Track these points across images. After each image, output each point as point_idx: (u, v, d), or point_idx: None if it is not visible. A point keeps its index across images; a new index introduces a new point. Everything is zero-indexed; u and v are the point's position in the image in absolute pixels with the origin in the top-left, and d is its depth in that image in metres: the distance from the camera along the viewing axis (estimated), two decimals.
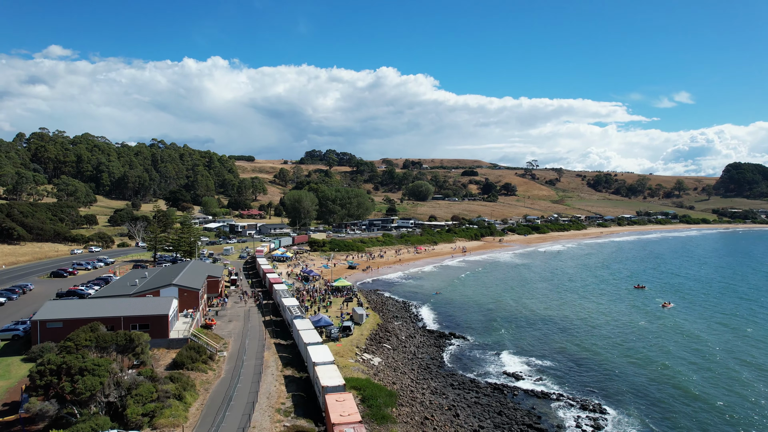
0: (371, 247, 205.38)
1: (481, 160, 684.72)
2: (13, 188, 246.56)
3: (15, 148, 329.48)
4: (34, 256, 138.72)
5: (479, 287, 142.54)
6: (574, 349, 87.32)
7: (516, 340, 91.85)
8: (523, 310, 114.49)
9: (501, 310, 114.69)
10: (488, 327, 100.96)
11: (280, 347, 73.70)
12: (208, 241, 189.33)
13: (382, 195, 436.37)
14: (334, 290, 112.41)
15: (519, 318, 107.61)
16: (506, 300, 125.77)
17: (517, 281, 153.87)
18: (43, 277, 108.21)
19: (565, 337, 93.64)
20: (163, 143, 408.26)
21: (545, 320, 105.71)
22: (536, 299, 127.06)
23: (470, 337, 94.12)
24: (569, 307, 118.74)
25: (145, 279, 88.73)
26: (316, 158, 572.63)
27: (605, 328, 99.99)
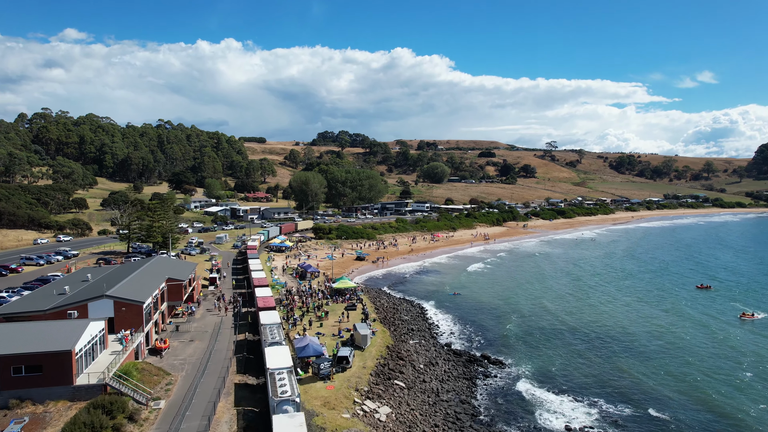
0: (383, 234, 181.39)
1: (497, 142, 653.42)
2: (6, 170, 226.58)
3: (16, 129, 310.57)
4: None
5: (509, 285, 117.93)
6: (650, 384, 62.84)
7: (569, 369, 67.47)
8: (569, 320, 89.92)
9: (540, 319, 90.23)
10: (527, 344, 76.76)
11: (246, 391, 50.54)
12: (201, 228, 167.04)
13: (396, 177, 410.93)
14: (335, 293, 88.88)
15: (565, 332, 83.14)
16: (545, 303, 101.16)
17: (554, 277, 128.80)
18: None
19: (634, 364, 69.03)
20: (170, 124, 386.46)
21: (600, 336, 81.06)
22: (582, 303, 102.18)
23: (507, 360, 70.10)
24: (627, 315, 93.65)
25: (86, 284, 66.14)
26: (329, 139, 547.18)
27: (692, 352, 75.05)
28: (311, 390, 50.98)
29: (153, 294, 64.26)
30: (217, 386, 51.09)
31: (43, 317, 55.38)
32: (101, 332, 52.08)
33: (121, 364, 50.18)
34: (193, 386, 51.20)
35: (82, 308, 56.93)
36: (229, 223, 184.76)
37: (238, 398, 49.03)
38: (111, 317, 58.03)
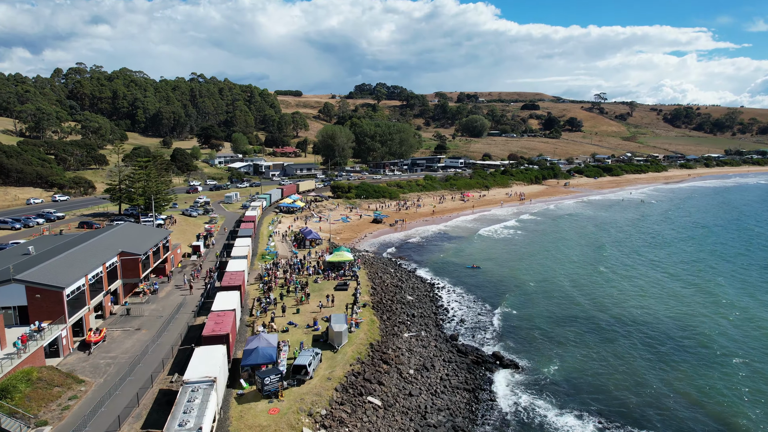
0: (408, 194, 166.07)
1: (542, 94, 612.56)
2: (36, 125, 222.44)
3: (52, 84, 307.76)
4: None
5: (538, 257, 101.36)
6: (732, 415, 46.90)
7: (610, 381, 52.06)
8: (613, 307, 73.48)
9: (571, 305, 74.13)
10: (551, 339, 61.42)
11: (167, 408, 38.14)
12: (213, 185, 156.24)
13: (433, 131, 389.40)
14: (329, 267, 75.40)
15: (603, 322, 67.00)
16: (579, 283, 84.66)
17: (593, 247, 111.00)
18: None
19: (689, 377, 52.96)
20: (203, 77, 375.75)
21: (659, 330, 64.64)
22: (628, 284, 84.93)
23: (523, 362, 55.31)
24: (686, 303, 76.29)
25: (25, 257, 55.16)
26: (366, 92, 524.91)
27: (743, 354, 58.11)
28: (248, 414, 38.13)
29: (90, 274, 52.43)
30: (136, 396, 39.03)
31: None
32: None
33: (7, 374, 38.66)
34: (103, 401, 39.33)
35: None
36: (245, 180, 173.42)
37: (149, 422, 36.76)
38: (23, 306, 46.75)
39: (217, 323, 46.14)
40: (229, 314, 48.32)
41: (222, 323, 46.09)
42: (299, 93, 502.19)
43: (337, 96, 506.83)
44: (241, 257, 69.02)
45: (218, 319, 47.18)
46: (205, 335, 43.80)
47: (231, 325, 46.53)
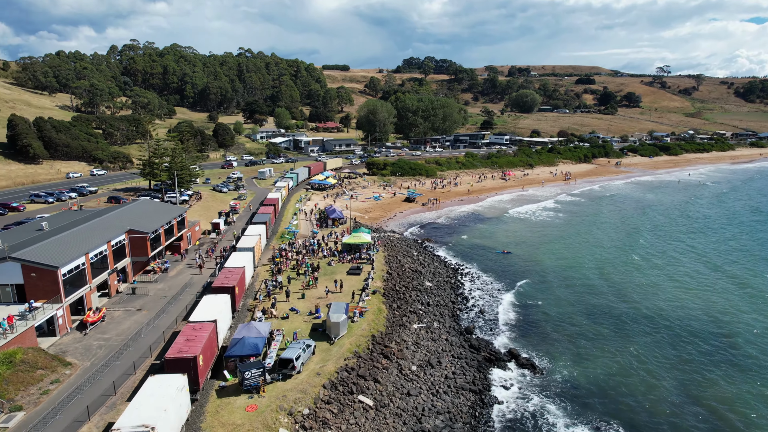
0: (446, 171, 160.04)
1: (599, 67, 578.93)
2: (90, 101, 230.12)
3: (108, 61, 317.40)
4: (29, 178, 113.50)
5: (573, 242, 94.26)
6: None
7: (637, 390, 46.42)
8: (645, 302, 66.66)
9: (603, 299, 67.79)
10: (577, 339, 55.89)
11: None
12: (249, 161, 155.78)
13: (481, 106, 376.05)
14: (346, 249, 72.09)
15: (635, 320, 60.58)
16: (614, 272, 77.64)
17: (632, 233, 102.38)
18: None
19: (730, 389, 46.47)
20: (251, 52, 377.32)
21: (698, 333, 57.83)
22: (664, 276, 77.26)
23: (542, 362, 50.37)
24: (729, 300, 68.37)
25: (38, 233, 54.82)
26: (414, 66, 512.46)
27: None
28: (224, 410, 35.64)
29: (92, 252, 51.39)
30: (109, 389, 37.38)
31: None
32: None
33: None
34: (82, 387, 37.94)
35: None
36: (281, 155, 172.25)
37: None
38: (20, 284, 46.10)
39: (187, 342, 37.19)
40: (206, 327, 39.69)
41: (193, 342, 37.17)
42: (346, 67, 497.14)
43: (384, 70, 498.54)
44: (246, 249, 62.33)
45: (191, 335, 38.38)
46: (168, 358, 35.79)
47: (206, 344, 37.80)
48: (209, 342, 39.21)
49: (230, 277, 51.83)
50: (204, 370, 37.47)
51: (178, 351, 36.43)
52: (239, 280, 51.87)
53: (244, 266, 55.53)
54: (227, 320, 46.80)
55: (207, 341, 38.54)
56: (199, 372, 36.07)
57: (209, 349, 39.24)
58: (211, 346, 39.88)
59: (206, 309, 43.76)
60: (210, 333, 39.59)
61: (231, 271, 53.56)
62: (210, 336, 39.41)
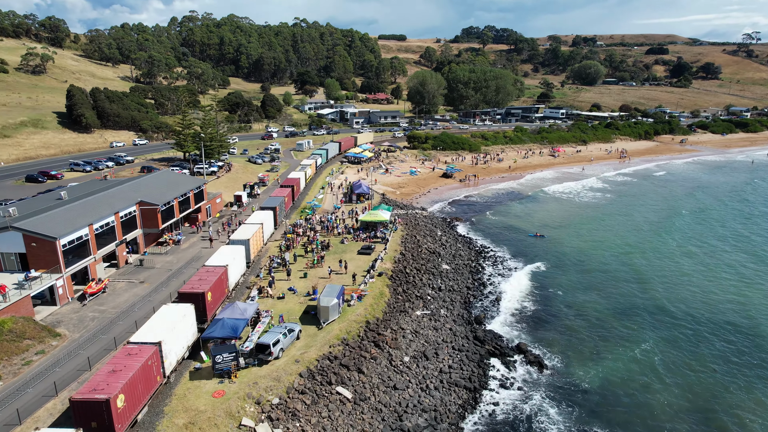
0: (491, 146, 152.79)
1: (675, 35, 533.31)
2: (148, 72, 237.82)
3: (168, 33, 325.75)
4: (76, 147, 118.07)
5: (616, 226, 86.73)
6: None
7: (656, 398, 41.37)
8: (682, 298, 59.88)
9: (636, 292, 61.44)
10: (598, 336, 50.75)
11: None
12: (290, 132, 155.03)
13: (540, 77, 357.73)
14: (362, 227, 69.33)
15: (668, 317, 54.34)
16: (652, 262, 70.46)
17: (689, 224, 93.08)
18: (18, 182, 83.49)
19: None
20: (305, 22, 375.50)
21: (737, 333, 51.21)
22: (703, 267, 69.29)
23: (553, 360, 45.98)
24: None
25: (58, 203, 55.68)
26: (473, 36, 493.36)
27: None
28: (192, 393, 34.34)
29: (97, 223, 51.53)
30: (85, 365, 37.01)
31: None
32: None
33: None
34: (62, 361, 37.89)
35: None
36: (323, 127, 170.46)
37: None
38: (23, 253, 46.76)
39: (110, 375, 29.39)
40: (143, 352, 31.67)
41: (114, 377, 29.30)
42: (403, 37, 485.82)
43: (441, 40, 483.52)
44: (239, 242, 54.59)
45: (118, 365, 30.42)
46: (75, 398, 28.03)
47: (133, 377, 29.83)
48: (142, 372, 31.06)
49: (205, 279, 43.44)
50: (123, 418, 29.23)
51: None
52: (215, 284, 43.42)
53: (227, 265, 47.16)
54: (185, 337, 37.82)
55: (138, 372, 30.61)
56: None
57: (138, 385, 30.62)
58: (147, 379, 31.80)
59: (156, 325, 35.78)
60: (146, 360, 31.65)
61: (209, 271, 45.39)
62: (144, 366, 31.28)
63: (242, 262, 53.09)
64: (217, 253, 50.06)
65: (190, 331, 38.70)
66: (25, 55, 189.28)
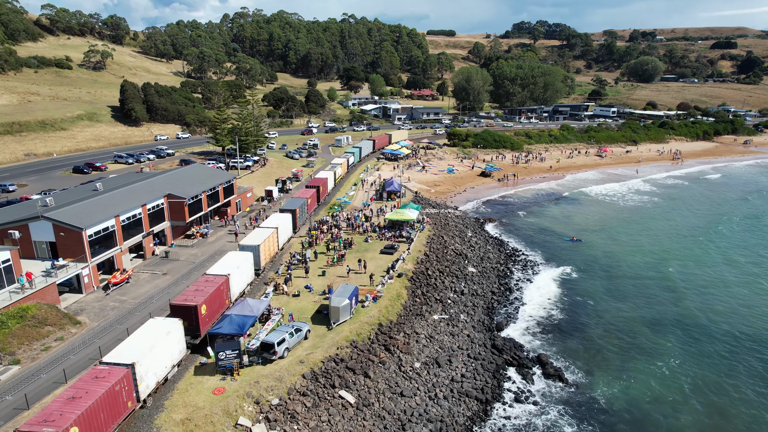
0: (534, 145, 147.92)
1: (746, 28, 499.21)
2: (198, 67, 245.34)
3: (220, 29, 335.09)
4: (123, 139, 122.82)
5: (662, 232, 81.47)
6: None
7: (686, 424, 38.24)
8: (725, 314, 55.31)
9: (674, 305, 57.24)
10: (628, 351, 47.48)
11: None
12: (330, 128, 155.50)
13: (593, 74, 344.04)
14: (388, 226, 68.18)
15: (707, 335, 50.23)
16: (694, 273, 65.55)
17: (753, 229, 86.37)
18: (66, 173, 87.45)
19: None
20: (354, 18, 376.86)
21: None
22: (749, 279, 63.80)
23: (575, 375, 43.36)
24: None
25: (93, 194, 57.66)
26: (524, 31, 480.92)
27: None
28: (194, 389, 34.38)
29: (124, 215, 52.90)
30: (96, 354, 37.84)
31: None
32: (1, 265, 41.99)
33: (5, 308, 39.91)
34: (77, 349, 38.94)
35: (24, 228, 48.14)
36: (364, 123, 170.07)
37: None
38: (53, 242, 48.54)
39: (56, 413, 25.74)
40: (112, 377, 28.86)
41: (63, 414, 25.82)
42: (452, 33, 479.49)
43: (491, 35, 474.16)
44: (249, 248, 51.05)
45: (77, 391, 27.53)
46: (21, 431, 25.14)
47: (93, 408, 26.87)
48: (106, 399, 27.91)
49: (201, 290, 39.97)
50: None
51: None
52: (212, 295, 40.03)
53: (228, 275, 43.60)
54: (170, 356, 34.82)
55: (101, 400, 27.54)
56: None
57: (99, 414, 27.48)
58: (113, 405, 28.70)
59: (134, 343, 33.03)
60: (113, 385, 28.47)
61: (208, 280, 42.08)
62: (109, 392, 28.09)
63: (249, 271, 49.52)
64: (222, 260, 47.16)
65: (177, 348, 35.77)
66: (87, 52, 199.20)
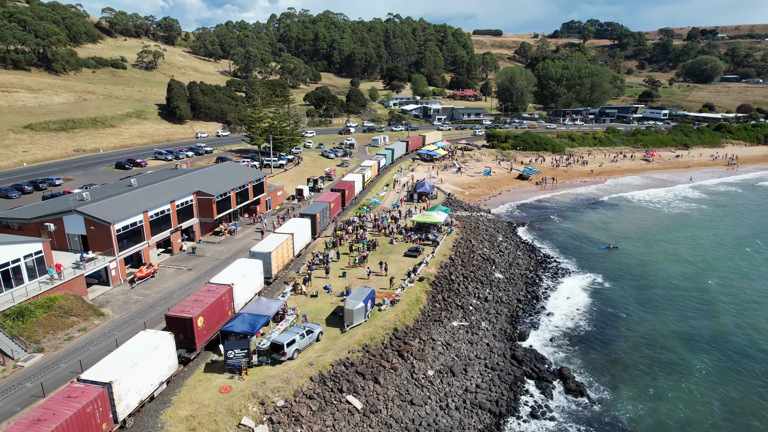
0: (576, 148, 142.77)
1: None
2: (244, 67, 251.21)
3: (267, 29, 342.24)
4: (166, 137, 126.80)
5: (707, 243, 76.44)
6: None
7: None
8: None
9: (715, 323, 53.51)
10: (658, 371, 44.60)
11: None
12: (368, 127, 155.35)
13: (645, 75, 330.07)
14: (415, 228, 67.12)
15: (748, 356, 46.54)
16: (739, 290, 61.04)
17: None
18: (109, 168, 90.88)
19: None
20: (399, 17, 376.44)
21: None
22: None
23: (599, 393, 41.05)
24: None
25: (128, 189, 59.67)
26: (573, 31, 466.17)
27: None
28: (201, 386, 34.59)
29: (152, 211, 54.26)
30: (112, 346, 38.76)
31: (27, 226, 50.59)
32: (34, 256, 43.80)
33: (32, 298, 41.56)
34: (96, 340, 40.05)
35: (58, 221, 50.16)
36: (403, 123, 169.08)
37: None
38: (84, 235, 50.29)
39: None
40: (85, 397, 27.21)
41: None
42: (498, 32, 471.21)
43: (539, 35, 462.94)
44: (260, 254, 48.97)
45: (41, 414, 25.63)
46: None
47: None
48: (75, 421, 26.21)
49: (201, 301, 37.90)
50: None
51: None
52: (211, 307, 37.98)
53: (232, 284, 41.06)
54: (158, 372, 32.76)
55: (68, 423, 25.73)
56: None
57: None
58: (84, 428, 26.83)
59: (115, 359, 31.24)
60: (84, 406, 26.72)
61: (210, 290, 39.91)
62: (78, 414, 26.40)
63: (257, 279, 46.64)
64: (229, 268, 44.89)
65: (166, 364, 33.62)
66: (140, 53, 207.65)
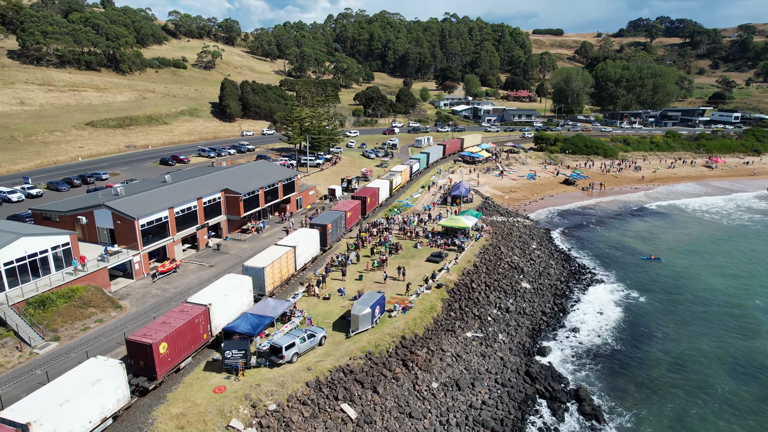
0: (630, 152, 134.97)
1: None
2: (299, 66, 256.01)
3: (323, 29, 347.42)
4: (214, 134, 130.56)
5: (760, 258, 69.76)
6: None
7: None
8: None
9: (757, 349, 48.27)
10: (688, 399, 40.68)
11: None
12: (413, 128, 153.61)
13: (719, 75, 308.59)
14: (442, 232, 65.19)
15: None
16: None
17: None
18: (154, 164, 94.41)
19: None
20: (455, 17, 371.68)
21: None
22: None
23: (616, 421, 37.90)
24: None
25: (163, 185, 61.61)
26: (640, 29, 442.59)
27: None
28: (197, 384, 34.64)
29: (178, 207, 55.54)
30: (121, 340, 39.73)
31: (64, 219, 53.14)
32: (61, 247, 45.71)
33: (54, 288, 43.36)
34: (109, 332, 41.22)
35: (89, 215, 52.36)
36: (449, 124, 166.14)
37: None
38: (112, 229, 52.15)
39: None
40: None
41: None
42: (560, 32, 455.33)
43: (603, 34, 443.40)
44: (252, 270, 44.98)
45: None
46: None
47: None
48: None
49: (169, 324, 34.23)
50: None
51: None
52: (178, 331, 34.11)
53: (209, 305, 37.13)
54: (100, 407, 29.10)
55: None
56: None
57: None
58: None
59: (43, 397, 27.20)
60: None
61: (184, 311, 36.06)
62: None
63: (243, 299, 41.72)
64: (211, 286, 41.08)
65: (112, 398, 29.84)
66: (199, 53, 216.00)
